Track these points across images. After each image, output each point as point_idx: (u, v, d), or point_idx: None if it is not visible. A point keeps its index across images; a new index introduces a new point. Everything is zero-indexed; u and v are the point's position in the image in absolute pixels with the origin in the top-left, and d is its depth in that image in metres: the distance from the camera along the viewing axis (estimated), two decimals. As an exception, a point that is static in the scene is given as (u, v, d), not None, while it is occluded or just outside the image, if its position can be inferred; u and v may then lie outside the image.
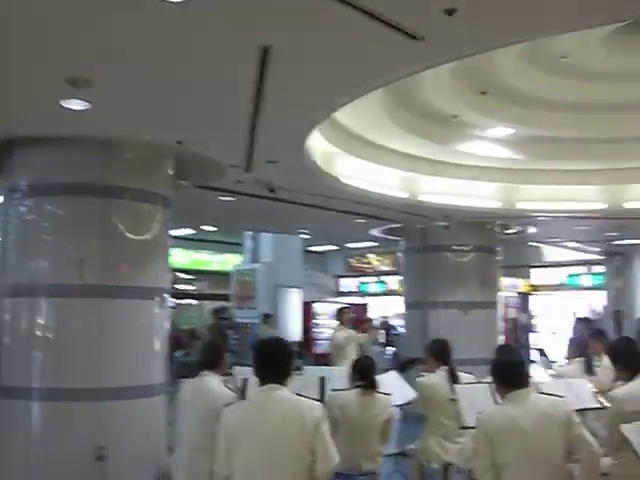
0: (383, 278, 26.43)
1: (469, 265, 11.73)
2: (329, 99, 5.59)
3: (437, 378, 6.17)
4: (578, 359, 7.37)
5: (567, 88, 7.77)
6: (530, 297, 20.76)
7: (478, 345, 11.43)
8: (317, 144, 7.44)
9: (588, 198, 10.47)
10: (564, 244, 15.99)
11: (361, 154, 8.77)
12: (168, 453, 6.94)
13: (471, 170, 9.94)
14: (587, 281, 21.87)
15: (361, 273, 26.69)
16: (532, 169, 10.08)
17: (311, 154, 7.25)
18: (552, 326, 19.05)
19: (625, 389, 4.99)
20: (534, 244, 17.09)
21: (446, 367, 6.23)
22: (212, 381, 5.45)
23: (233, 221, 12.34)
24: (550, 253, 20.31)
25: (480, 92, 7.84)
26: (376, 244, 22.54)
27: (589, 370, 7.47)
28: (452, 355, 10.32)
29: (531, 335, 18.88)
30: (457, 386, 5.74)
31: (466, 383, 5.96)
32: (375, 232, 12.94)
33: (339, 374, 6.31)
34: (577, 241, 14.94)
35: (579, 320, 17.60)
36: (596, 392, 6.08)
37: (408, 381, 7.04)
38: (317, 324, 17.71)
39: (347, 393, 5.66)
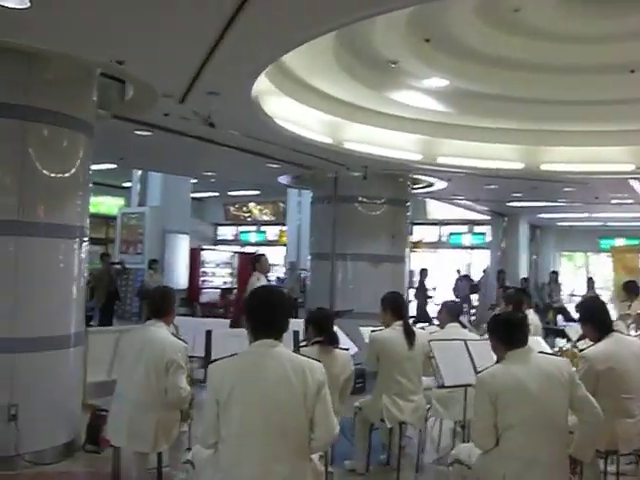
0: (263, 228, 26.11)
1: (380, 218, 11.49)
2: (296, 33, 5.14)
3: (393, 333, 5.82)
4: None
5: (512, 45, 7.55)
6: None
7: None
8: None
9: (507, 157, 10.41)
10: (459, 202, 16.12)
11: (293, 94, 8.19)
12: (83, 410, 6.35)
13: (397, 120, 9.59)
14: (468, 240, 22.55)
15: (240, 222, 26.21)
16: (456, 124, 9.86)
17: (253, 89, 6.62)
18: (435, 283, 19.39)
19: (597, 348, 4.89)
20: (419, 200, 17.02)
21: (401, 322, 5.88)
22: (160, 331, 4.93)
23: (138, 159, 11.41)
24: (433, 210, 20.63)
25: (424, 39, 7.47)
26: (257, 193, 22.15)
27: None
28: (366, 308, 10.21)
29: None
30: (433, 343, 5.42)
31: (437, 340, 5.66)
32: (283, 180, 12.40)
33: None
34: (475, 200, 15.06)
35: (461, 278, 18.07)
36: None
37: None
38: (205, 272, 17.09)
39: (304, 351, 5.17)
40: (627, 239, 20.72)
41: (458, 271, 18.62)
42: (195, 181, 16.59)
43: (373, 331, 6.00)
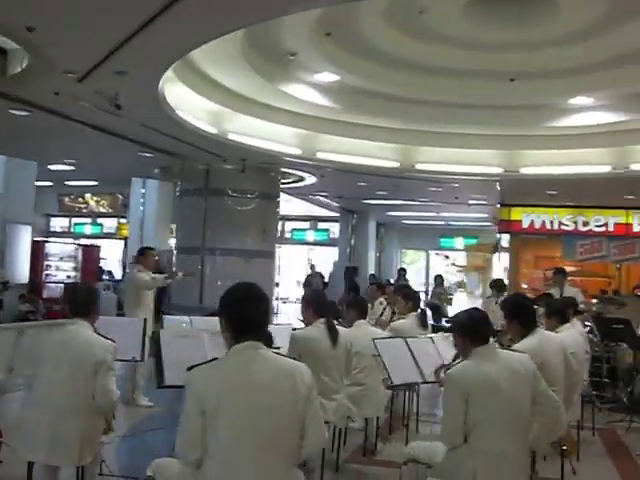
0: (100, 220, 24.92)
1: (251, 212, 11.21)
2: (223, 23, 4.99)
3: (316, 331, 5.62)
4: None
5: (410, 47, 7.72)
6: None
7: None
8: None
9: (385, 155, 10.58)
10: (312, 199, 16.20)
11: (187, 80, 7.79)
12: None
13: (282, 113, 9.45)
14: (312, 237, 22.81)
15: (75, 214, 24.83)
16: (339, 120, 9.88)
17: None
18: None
19: (525, 345, 5.01)
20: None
21: (324, 319, 5.70)
22: (84, 330, 4.39)
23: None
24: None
25: (326, 33, 7.40)
26: (95, 183, 21.08)
27: (424, 325, 7.57)
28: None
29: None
30: (377, 342, 5.28)
31: (379, 338, 5.54)
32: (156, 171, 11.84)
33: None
34: (337, 197, 15.21)
35: (314, 274, 18.23)
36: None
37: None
38: (48, 266, 15.95)
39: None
40: (465, 238, 21.97)
41: (312, 267, 18.73)
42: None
43: (294, 329, 5.78)
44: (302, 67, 8.17)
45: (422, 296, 17.44)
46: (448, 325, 10.11)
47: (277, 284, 18.11)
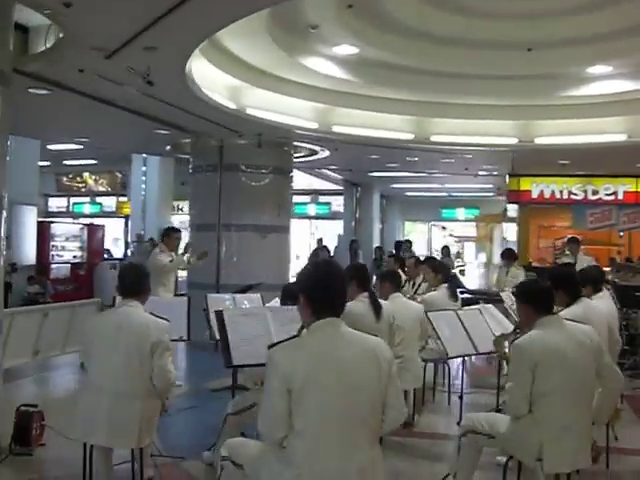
0: (99, 199, 24.80)
1: (266, 188, 11.13)
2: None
3: (360, 305, 5.63)
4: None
5: (429, 18, 7.60)
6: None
7: (274, 270, 11.12)
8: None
9: (399, 127, 10.54)
10: (319, 172, 16.15)
11: (205, 54, 7.68)
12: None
13: (299, 87, 9.37)
14: (313, 210, 22.77)
15: (74, 193, 24.69)
16: (355, 93, 9.80)
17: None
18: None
19: (571, 312, 5.03)
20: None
21: (367, 293, 5.70)
22: (138, 311, 4.37)
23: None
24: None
25: (347, 5, 7.31)
26: (94, 162, 20.93)
27: (454, 295, 7.61)
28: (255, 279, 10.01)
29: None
30: (431, 314, 5.27)
31: (433, 311, 5.53)
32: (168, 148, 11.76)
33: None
34: (346, 170, 15.15)
35: (321, 247, 18.20)
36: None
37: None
38: (54, 246, 15.87)
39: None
40: (467, 208, 22.01)
41: (319, 240, 18.72)
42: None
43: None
44: (322, 40, 8.08)
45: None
46: (467, 295, 10.22)
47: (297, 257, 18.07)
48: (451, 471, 4.65)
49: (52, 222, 16.55)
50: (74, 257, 16.34)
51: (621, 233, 14.44)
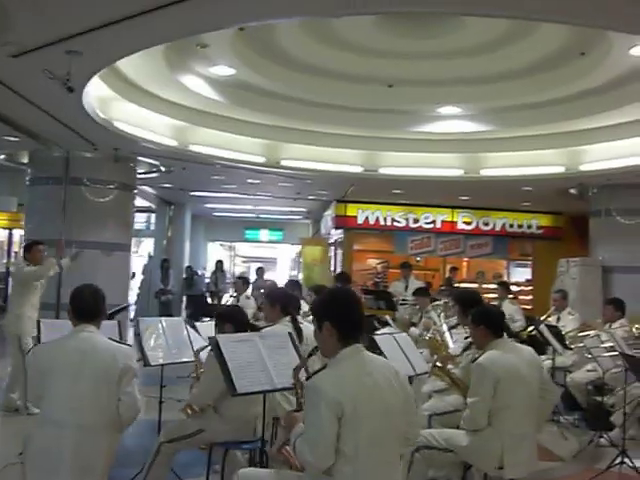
0: None
1: (110, 203, 10.68)
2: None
3: (285, 329, 5.71)
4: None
5: (316, 51, 7.92)
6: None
7: (115, 290, 10.70)
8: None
9: (251, 150, 10.74)
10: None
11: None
12: None
13: (164, 104, 9.20)
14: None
15: None
16: (213, 113, 9.81)
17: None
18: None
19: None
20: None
21: (289, 317, 5.79)
22: (98, 337, 4.10)
23: None
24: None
25: (239, 28, 7.42)
26: None
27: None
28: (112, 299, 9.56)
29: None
30: (378, 339, 5.41)
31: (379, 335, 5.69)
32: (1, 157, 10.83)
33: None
34: (180, 190, 14.83)
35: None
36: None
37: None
38: None
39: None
40: (270, 230, 22.52)
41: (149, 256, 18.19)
42: None
43: (260, 328, 5.79)
44: (202, 59, 8.03)
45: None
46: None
47: (134, 275, 17.27)
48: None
49: None
50: None
51: (418, 258, 15.69)
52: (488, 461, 4.44)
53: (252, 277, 16.81)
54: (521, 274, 17.21)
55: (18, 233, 18.77)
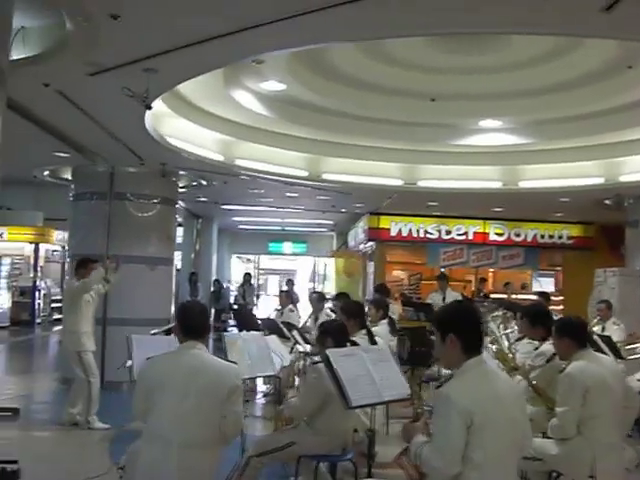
0: None
1: (153, 218, 10.77)
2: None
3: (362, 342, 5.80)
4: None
5: (365, 67, 8.04)
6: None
7: (159, 304, 10.86)
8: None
9: (295, 164, 10.86)
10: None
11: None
12: None
13: (211, 118, 9.35)
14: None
15: None
16: (259, 128, 9.95)
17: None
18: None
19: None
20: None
21: (365, 330, 5.91)
22: (207, 354, 4.12)
23: None
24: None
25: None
26: None
27: (394, 331, 7.99)
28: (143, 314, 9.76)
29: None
30: None
31: None
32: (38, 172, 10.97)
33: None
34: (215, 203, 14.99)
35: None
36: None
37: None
38: None
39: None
40: (293, 242, 22.64)
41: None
42: None
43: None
44: (256, 74, 8.17)
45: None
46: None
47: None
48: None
49: None
50: None
51: (442, 269, 15.80)
52: (580, 470, 4.50)
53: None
54: (546, 284, 17.34)
55: (44, 248, 19.07)
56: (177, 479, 3.81)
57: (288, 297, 10.67)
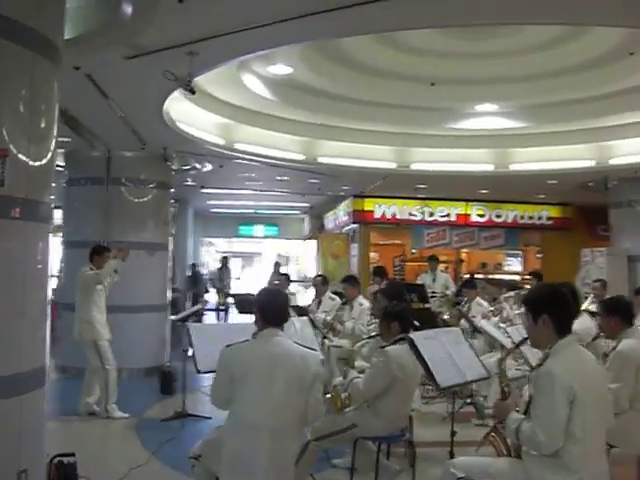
0: None
1: (148, 203, 10.64)
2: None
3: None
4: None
5: (370, 51, 8.06)
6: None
7: (158, 290, 10.80)
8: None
9: (291, 148, 10.88)
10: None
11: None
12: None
13: (213, 101, 9.27)
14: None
15: None
16: (262, 112, 9.92)
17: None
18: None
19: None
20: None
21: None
22: (289, 342, 4.13)
23: None
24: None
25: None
26: None
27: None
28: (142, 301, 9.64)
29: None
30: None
31: None
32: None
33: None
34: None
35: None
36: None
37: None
38: None
39: (399, 349, 4.88)
40: (266, 225, 22.59)
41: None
42: None
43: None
44: (264, 57, 8.11)
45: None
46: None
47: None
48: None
49: None
50: None
51: (413, 250, 15.98)
52: (632, 443, 4.70)
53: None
54: (515, 264, 17.89)
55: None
56: (266, 465, 3.84)
57: (325, 284, 9.93)
